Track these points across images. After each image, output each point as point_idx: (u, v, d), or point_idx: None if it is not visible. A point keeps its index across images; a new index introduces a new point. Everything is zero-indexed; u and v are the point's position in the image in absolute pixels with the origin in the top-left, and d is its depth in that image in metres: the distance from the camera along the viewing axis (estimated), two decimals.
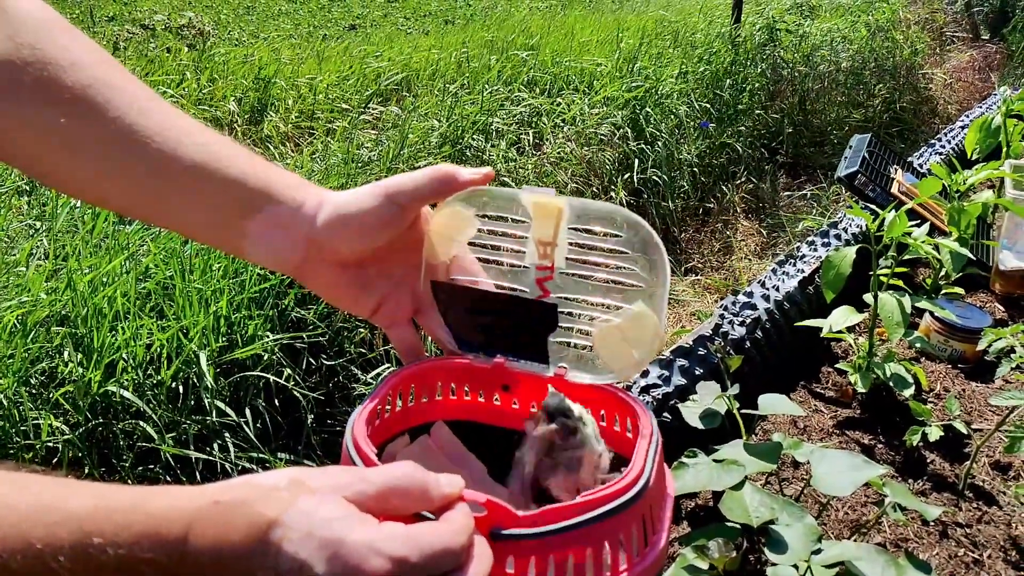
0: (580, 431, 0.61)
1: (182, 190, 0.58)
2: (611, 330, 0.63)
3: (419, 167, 2.38)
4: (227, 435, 1.51)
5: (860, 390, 1.35)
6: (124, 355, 1.49)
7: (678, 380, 1.32)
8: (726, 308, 1.54)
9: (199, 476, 1.47)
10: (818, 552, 0.88)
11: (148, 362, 1.53)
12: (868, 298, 1.37)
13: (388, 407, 0.66)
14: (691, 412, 1.14)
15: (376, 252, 0.62)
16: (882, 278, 1.37)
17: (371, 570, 0.41)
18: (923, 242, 1.34)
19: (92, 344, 1.47)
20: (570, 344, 0.66)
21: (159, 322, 1.58)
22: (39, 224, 1.94)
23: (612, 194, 2.83)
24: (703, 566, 0.91)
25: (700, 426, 1.12)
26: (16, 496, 0.40)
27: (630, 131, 3.06)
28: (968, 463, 1.24)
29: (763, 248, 3.04)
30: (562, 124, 3.00)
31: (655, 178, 3.00)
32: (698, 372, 1.34)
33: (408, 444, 0.68)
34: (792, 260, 1.76)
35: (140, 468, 1.47)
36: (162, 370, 1.51)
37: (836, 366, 1.52)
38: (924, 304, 1.38)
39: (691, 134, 3.27)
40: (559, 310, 0.63)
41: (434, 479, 0.47)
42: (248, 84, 3.17)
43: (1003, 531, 1.14)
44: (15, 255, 1.73)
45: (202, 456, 1.47)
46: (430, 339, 0.73)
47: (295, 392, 1.63)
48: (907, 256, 1.41)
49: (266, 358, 1.62)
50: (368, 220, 0.60)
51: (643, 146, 3.03)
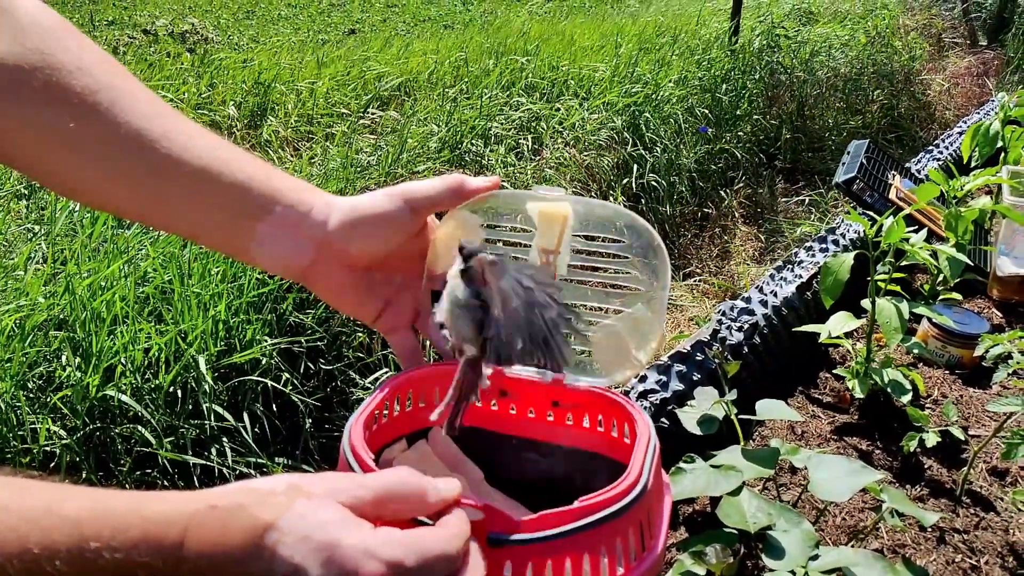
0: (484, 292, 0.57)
1: (190, 192, 0.58)
2: (610, 334, 0.63)
3: (418, 172, 2.36)
4: (225, 440, 1.51)
5: (858, 396, 1.35)
6: (122, 359, 1.49)
7: (676, 385, 1.32)
8: (724, 313, 1.54)
9: (197, 481, 1.47)
10: (815, 558, 0.88)
11: (146, 366, 1.53)
12: (866, 304, 1.37)
13: (386, 412, 0.66)
14: (689, 417, 1.14)
15: (384, 257, 0.63)
16: (880, 284, 1.37)
17: (366, 574, 0.41)
18: (921, 248, 1.35)
19: (90, 348, 1.47)
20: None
21: (157, 326, 1.57)
22: (37, 228, 1.94)
23: (611, 199, 2.83)
24: (700, 572, 0.91)
25: (698, 431, 1.12)
26: (13, 500, 0.40)
27: (630, 135, 3.06)
28: (965, 469, 1.24)
29: (761, 253, 3.05)
30: (561, 129, 3.01)
31: (654, 183, 3.00)
32: (696, 377, 1.34)
33: (405, 449, 0.68)
34: (790, 266, 1.76)
35: (138, 473, 1.47)
36: (160, 374, 1.51)
37: (834, 372, 1.52)
38: (922, 310, 1.38)
39: (690, 139, 3.28)
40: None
41: (431, 484, 0.47)
42: (248, 88, 3.17)
43: (1000, 537, 1.14)
44: (13, 259, 1.73)
45: (200, 461, 1.47)
46: (429, 344, 0.73)
47: (293, 397, 1.62)
48: (905, 262, 1.41)
49: (264, 362, 1.62)
50: (383, 222, 0.61)
51: (642, 151, 3.04)
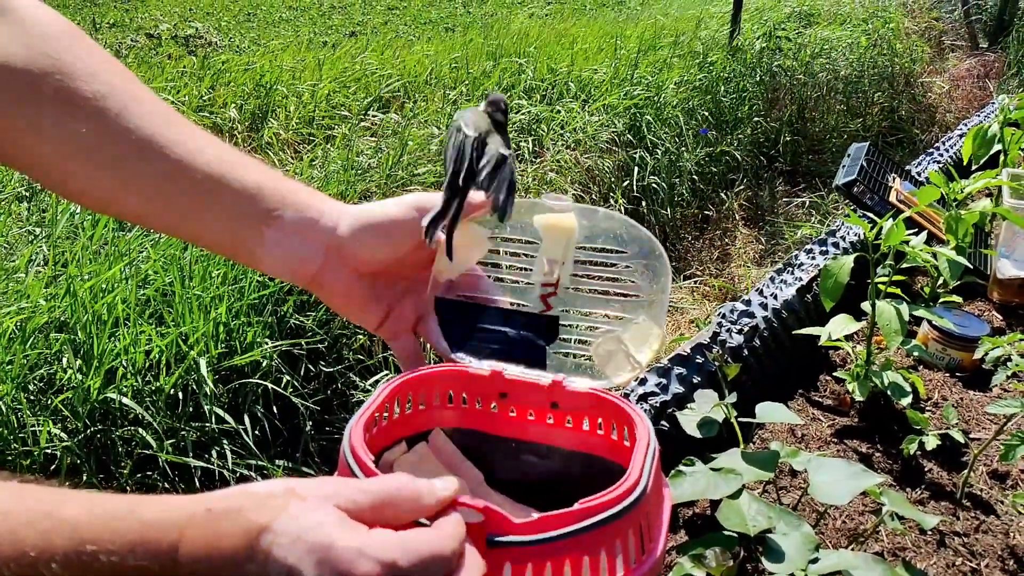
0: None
1: (200, 197, 0.59)
2: (611, 339, 0.64)
3: (419, 174, 2.36)
4: (225, 442, 1.51)
5: (858, 398, 1.35)
6: (123, 361, 1.49)
7: (676, 388, 1.32)
8: (724, 316, 1.54)
9: (197, 483, 1.47)
10: (815, 561, 0.88)
11: (147, 369, 1.53)
12: (866, 306, 1.37)
13: (386, 414, 0.66)
14: (689, 420, 1.14)
15: (391, 262, 0.64)
16: (880, 287, 1.37)
17: (360, 574, 0.41)
18: (921, 251, 1.35)
19: (91, 350, 1.47)
20: (570, 354, 0.67)
21: (159, 329, 1.58)
22: (39, 230, 1.95)
23: (612, 201, 2.83)
24: (700, 575, 0.91)
25: (698, 434, 1.12)
26: (9, 503, 0.40)
27: (631, 138, 3.06)
28: (966, 472, 1.24)
29: (762, 256, 3.05)
30: (562, 132, 3.01)
31: (655, 185, 3.00)
32: (696, 380, 1.34)
33: (405, 451, 0.68)
34: (790, 268, 1.76)
35: (138, 475, 1.47)
36: (161, 376, 1.51)
37: (834, 374, 1.52)
38: (922, 312, 1.38)
39: (691, 142, 3.28)
40: (560, 322, 0.64)
41: (427, 485, 0.47)
42: (249, 91, 3.18)
43: (1001, 540, 1.14)
44: (15, 261, 1.73)
45: (200, 463, 1.47)
46: (429, 347, 0.73)
47: (293, 399, 1.63)
48: (905, 264, 1.41)
49: (265, 365, 1.62)
50: (393, 228, 0.63)
51: (642, 153, 3.04)
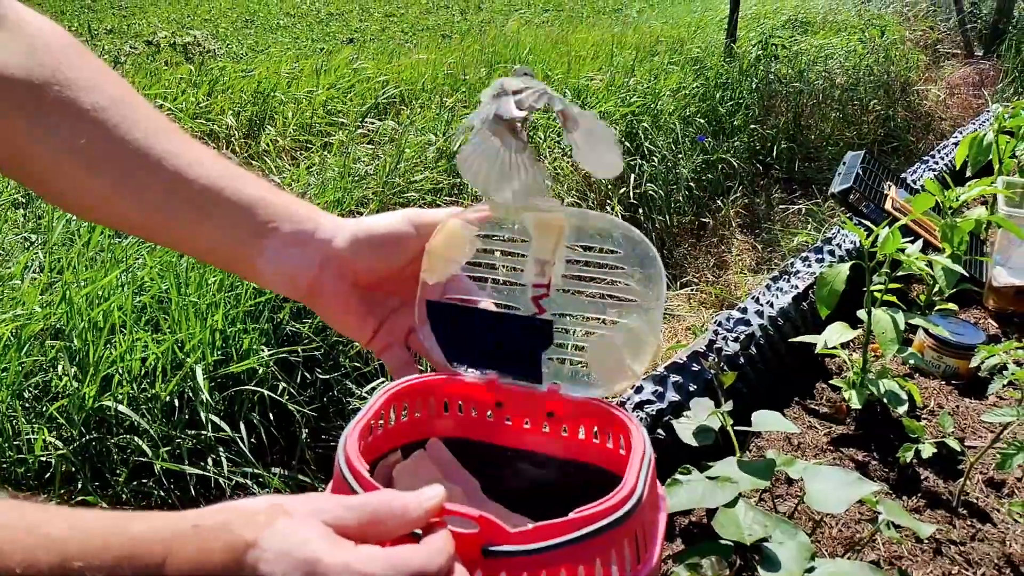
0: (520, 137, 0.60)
1: (199, 208, 0.59)
2: (606, 345, 0.63)
3: (416, 181, 2.36)
4: (221, 450, 1.51)
5: (854, 407, 1.35)
6: (119, 369, 1.49)
7: (672, 396, 1.32)
8: (720, 324, 1.54)
9: (193, 492, 1.47)
10: (811, 570, 0.88)
11: (143, 376, 1.53)
12: (862, 314, 1.37)
13: (381, 423, 0.66)
14: (684, 428, 1.14)
15: (386, 275, 0.65)
16: (876, 294, 1.38)
17: None
18: (916, 258, 1.35)
19: (87, 358, 1.47)
20: (564, 360, 0.66)
21: (155, 336, 1.57)
22: (35, 237, 1.94)
23: (608, 209, 2.84)
24: None
25: (694, 443, 1.12)
26: None
27: (627, 145, 3.07)
28: (962, 480, 1.24)
29: (758, 263, 3.05)
30: (558, 139, 3.01)
31: (651, 193, 3.01)
32: (692, 388, 1.34)
33: (401, 460, 0.68)
34: (786, 276, 1.77)
35: (134, 483, 1.47)
36: (157, 384, 1.51)
37: (830, 382, 1.52)
38: (918, 320, 1.38)
39: (687, 148, 3.28)
40: (554, 327, 0.64)
41: (414, 497, 0.47)
42: (246, 98, 3.18)
43: (997, 549, 1.14)
44: (10, 268, 1.73)
45: (196, 471, 1.46)
46: (422, 357, 0.73)
47: (290, 407, 1.62)
48: (901, 272, 1.42)
49: (261, 372, 1.62)
50: (391, 239, 0.63)
51: (639, 160, 3.05)
